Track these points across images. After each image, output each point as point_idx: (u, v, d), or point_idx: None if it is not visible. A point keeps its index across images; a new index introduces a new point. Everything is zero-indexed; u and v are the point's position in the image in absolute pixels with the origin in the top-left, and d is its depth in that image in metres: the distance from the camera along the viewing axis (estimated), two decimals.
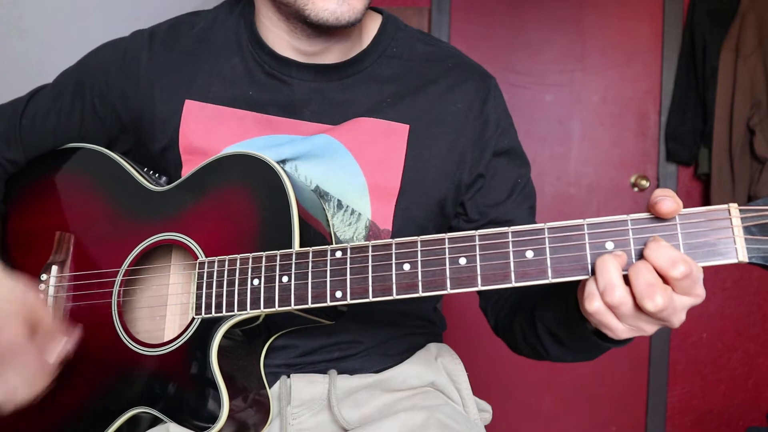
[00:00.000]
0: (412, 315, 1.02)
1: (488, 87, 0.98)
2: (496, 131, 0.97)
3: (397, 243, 0.72)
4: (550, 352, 0.87)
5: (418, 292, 0.71)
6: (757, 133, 2.59)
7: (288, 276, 0.76)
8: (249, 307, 0.78)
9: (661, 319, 0.64)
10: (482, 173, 0.97)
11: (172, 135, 0.95)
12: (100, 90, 0.98)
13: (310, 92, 0.94)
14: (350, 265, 0.73)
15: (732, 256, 0.62)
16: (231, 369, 0.81)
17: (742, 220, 0.62)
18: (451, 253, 0.70)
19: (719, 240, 0.62)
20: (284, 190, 0.81)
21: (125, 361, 0.86)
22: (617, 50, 2.87)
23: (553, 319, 0.82)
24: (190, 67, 0.96)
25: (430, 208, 0.96)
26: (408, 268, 0.71)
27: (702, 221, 0.63)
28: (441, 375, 0.99)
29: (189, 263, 0.91)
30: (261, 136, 0.93)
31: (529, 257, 0.67)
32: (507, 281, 0.67)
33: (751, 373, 2.87)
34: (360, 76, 0.95)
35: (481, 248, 0.69)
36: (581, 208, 2.90)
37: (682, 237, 0.63)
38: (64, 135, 1.00)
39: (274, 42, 0.94)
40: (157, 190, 0.93)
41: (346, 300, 0.73)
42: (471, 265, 0.69)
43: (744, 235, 0.61)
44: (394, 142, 0.93)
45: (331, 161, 0.92)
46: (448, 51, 1.01)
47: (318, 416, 0.91)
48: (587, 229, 0.66)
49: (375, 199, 0.93)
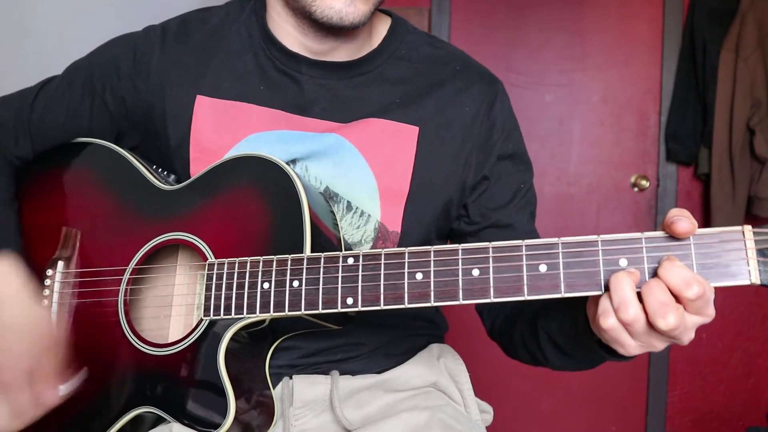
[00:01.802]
0: (415, 316, 1.02)
1: (496, 91, 0.99)
2: (501, 134, 0.98)
3: (410, 252, 0.72)
4: (550, 361, 0.87)
5: (430, 301, 0.70)
6: (757, 133, 2.59)
7: (299, 281, 0.76)
8: (258, 310, 0.77)
9: (672, 338, 0.64)
10: (487, 176, 0.97)
11: (184, 131, 0.94)
12: (110, 83, 0.97)
13: (319, 89, 0.94)
14: (362, 272, 0.73)
15: (745, 278, 0.62)
16: (237, 371, 0.81)
17: (756, 242, 0.62)
18: (464, 264, 0.69)
19: (732, 261, 0.63)
20: (296, 193, 0.80)
21: (131, 360, 0.86)
22: (617, 50, 2.88)
23: (558, 330, 0.82)
24: (201, 62, 0.96)
25: (437, 210, 0.96)
26: (420, 277, 0.71)
27: (716, 242, 0.63)
28: (443, 375, 0.99)
29: (197, 264, 0.91)
30: (271, 131, 0.93)
31: (543, 271, 0.67)
32: (520, 294, 0.67)
33: (751, 373, 2.88)
34: (370, 76, 0.95)
35: (494, 260, 0.69)
36: (581, 208, 2.90)
37: (695, 257, 0.64)
38: (72, 128, 0.99)
39: (284, 38, 0.95)
40: (167, 189, 0.92)
41: (357, 307, 0.73)
42: (484, 277, 0.69)
43: (757, 258, 0.62)
44: (404, 144, 0.93)
45: (342, 162, 0.92)
46: (455, 54, 1.01)
47: (320, 417, 0.91)
48: (601, 245, 0.66)
49: (385, 201, 0.93)
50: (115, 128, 1.00)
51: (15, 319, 0.80)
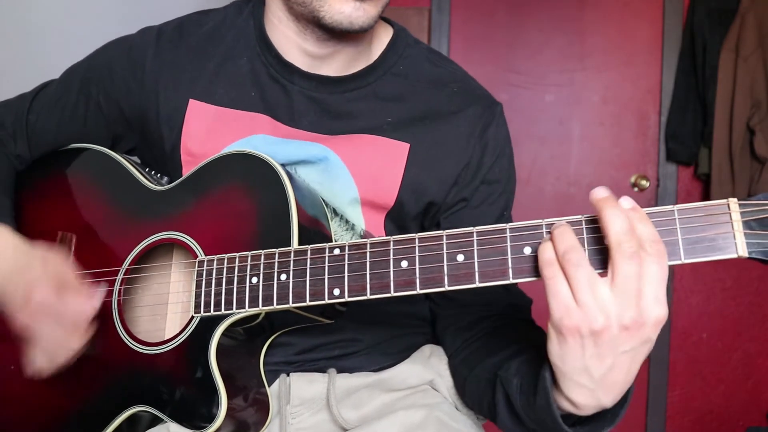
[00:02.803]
0: (411, 315, 1.02)
1: (493, 113, 0.97)
2: (491, 157, 0.96)
3: (395, 240, 0.72)
4: (500, 416, 0.81)
5: (415, 289, 0.70)
6: (757, 133, 2.59)
7: (286, 274, 0.76)
8: (248, 305, 0.78)
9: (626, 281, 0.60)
10: (466, 197, 0.95)
11: (176, 135, 0.94)
12: (104, 86, 0.98)
13: (309, 102, 0.93)
14: (348, 262, 0.73)
15: (732, 251, 0.61)
16: (230, 368, 0.81)
17: (741, 214, 0.61)
18: (448, 248, 0.69)
19: (718, 235, 0.61)
20: (283, 188, 0.81)
21: (124, 360, 0.86)
22: (617, 50, 2.88)
23: (517, 386, 0.78)
24: (196, 66, 0.96)
25: (417, 219, 0.96)
26: (406, 264, 0.71)
27: (701, 216, 0.62)
28: (436, 375, 0.99)
29: (189, 262, 0.91)
30: (259, 134, 0.93)
31: (527, 253, 0.67)
32: (504, 278, 0.67)
33: (751, 373, 2.87)
34: (362, 92, 0.94)
35: (479, 244, 0.68)
36: (581, 209, 2.89)
37: (681, 232, 0.63)
38: (67, 132, 1.00)
39: (281, 43, 0.94)
40: (158, 189, 0.93)
41: (344, 297, 0.73)
42: (468, 262, 0.68)
43: (743, 230, 0.61)
44: (393, 160, 0.92)
45: (325, 173, 0.92)
46: (454, 74, 0.99)
47: (317, 416, 0.91)
48: (585, 224, 0.66)
49: (367, 211, 0.93)
50: (111, 132, 1.00)
51: (22, 259, 0.84)
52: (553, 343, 0.65)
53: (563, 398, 0.69)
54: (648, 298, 0.60)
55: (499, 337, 0.89)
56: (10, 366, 0.92)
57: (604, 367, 0.64)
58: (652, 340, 0.63)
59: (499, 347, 0.86)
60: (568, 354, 0.64)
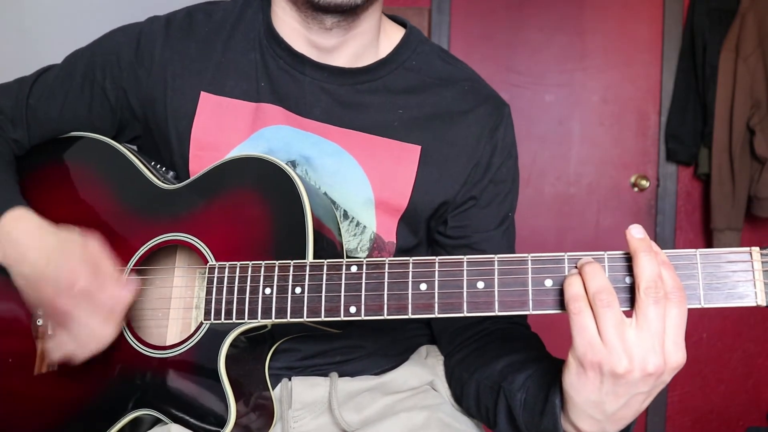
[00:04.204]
0: (414, 319, 1.02)
1: (501, 115, 0.97)
2: (500, 158, 0.96)
3: (414, 262, 0.71)
4: (499, 425, 0.84)
5: (434, 312, 0.70)
6: (757, 133, 2.59)
7: (301, 287, 0.75)
8: (260, 316, 0.76)
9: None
10: (475, 196, 0.96)
11: (185, 127, 0.93)
12: (111, 72, 0.96)
13: (320, 92, 0.93)
14: (365, 281, 0.72)
15: (751, 299, 0.62)
16: (237, 374, 0.81)
17: (763, 264, 0.62)
18: (469, 275, 0.69)
19: (739, 282, 0.63)
20: (299, 197, 0.79)
21: (129, 362, 0.85)
22: (617, 50, 2.88)
23: (521, 400, 0.80)
24: (205, 57, 0.94)
25: (428, 221, 0.96)
26: (425, 288, 0.70)
27: (722, 263, 0.63)
28: (434, 375, 0.98)
29: (196, 267, 0.90)
30: (272, 126, 0.92)
31: (548, 286, 0.67)
32: (524, 308, 0.67)
33: (751, 373, 2.88)
34: (374, 85, 0.94)
35: (499, 273, 0.68)
36: (581, 209, 2.90)
37: (702, 277, 0.63)
38: (71, 118, 0.97)
39: (290, 36, 0.94)
40: (167, 188, 0.91)
41: (360, 316, 0.72)
42: (489, 290, 0.68)
43: (764, 279, 0.62)
44: (405, 162, 0.92)
45: (339, 171, 0.91)
46: (465, 73, 1.00)
47: (319, 419, 0.91)
48: (607, 261, 0.66)
49: (381, 213, 0.92)
50: (117, 119, 0.98)
51: (55, 242, 0.82)
52: (572, 374, 0.67)
53: (569, 424, 0.72)
54: (669, 343, 0.63)
55: (499, 343, 0.90)
56: (8, 360, 0.90)
57: (617, 404, 0.67)
58: (666, 383, 0.66)
59: (500, 354, 0.86)
60: (585, 387, 0.67)
